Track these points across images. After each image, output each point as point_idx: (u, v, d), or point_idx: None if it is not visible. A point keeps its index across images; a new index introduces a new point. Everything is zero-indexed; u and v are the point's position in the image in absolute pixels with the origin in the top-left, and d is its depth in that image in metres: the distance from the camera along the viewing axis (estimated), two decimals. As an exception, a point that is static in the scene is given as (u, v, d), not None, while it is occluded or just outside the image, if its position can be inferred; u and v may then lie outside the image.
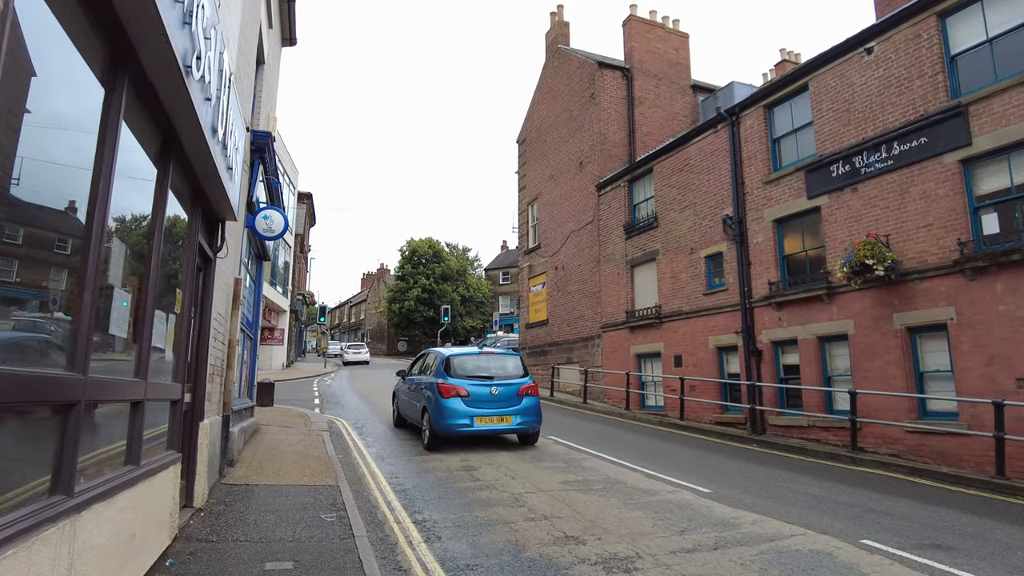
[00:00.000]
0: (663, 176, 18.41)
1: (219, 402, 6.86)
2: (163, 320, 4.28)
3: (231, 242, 6.85)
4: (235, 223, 6.82)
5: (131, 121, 3.25)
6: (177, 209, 4.56)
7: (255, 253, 10.88)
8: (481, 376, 10.70)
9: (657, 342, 18.00)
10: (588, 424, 14.38)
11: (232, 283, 7.24)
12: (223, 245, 6.01)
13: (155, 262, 3.76)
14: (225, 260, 6.66)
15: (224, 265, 6.62)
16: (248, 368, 10.68)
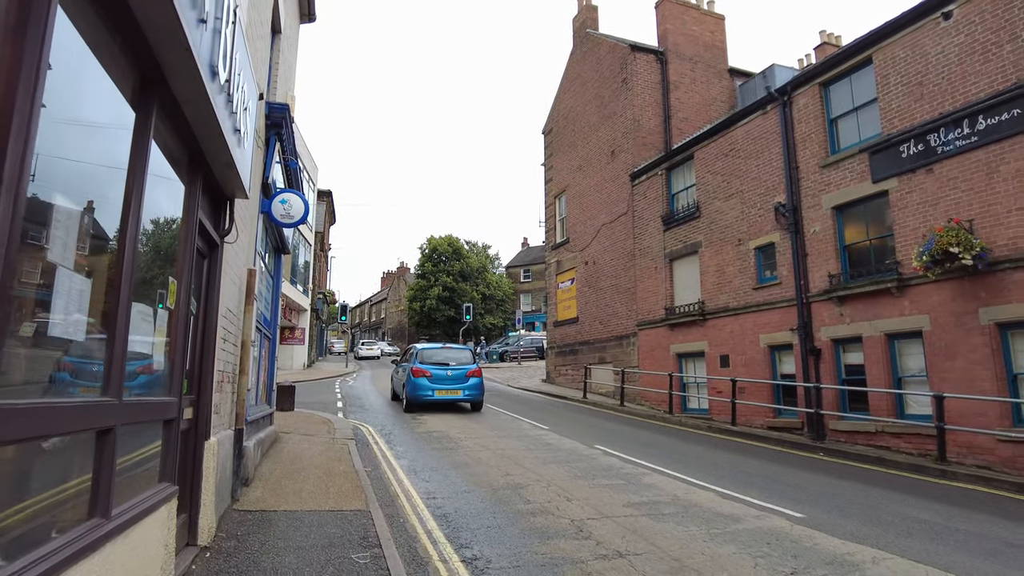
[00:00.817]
0: (705, 163, 17.19)
1: (230, 414, 5.89)
2: (148, 317, 3.28)
3: (243, 227, 5.86)
4: (247, 203, 5.83)
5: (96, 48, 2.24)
6: (168, 174, 3.55)
7: (272, 245, 9.92)
8: (441, 363, 15.52)
9: (700, 341, 16.81)
10: (632, 431, 13.26)
11: (245, 274, 6.26)
12: (232, 227, 5.01)
13: (131, 235, 2.75)
14: (236, 247, 5.68)
15: (235, 253, 5.63)
16: (266, 371, 9.74)
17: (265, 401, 9.71)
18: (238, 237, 5.28)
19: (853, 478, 8.81)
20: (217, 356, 5.01)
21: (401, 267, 75.80)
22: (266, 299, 9.42)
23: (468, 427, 12.41)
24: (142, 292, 3.23)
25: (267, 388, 9.84)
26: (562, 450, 10.08)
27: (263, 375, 9.39)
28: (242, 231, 5.91)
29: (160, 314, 3.55)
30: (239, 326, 6.14)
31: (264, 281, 9.26)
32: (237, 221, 5.36)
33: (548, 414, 15.54)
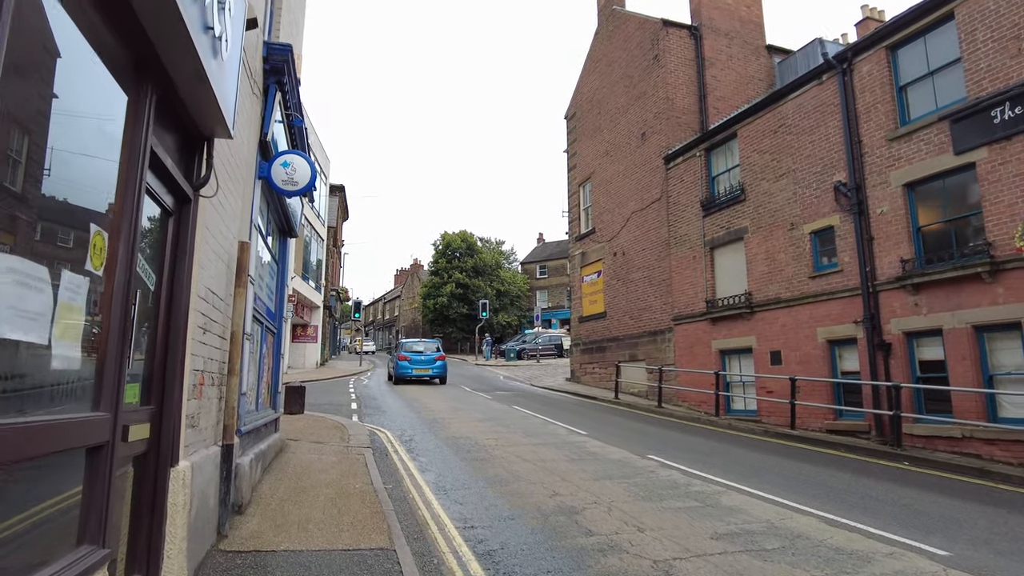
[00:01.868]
0: (751, 141, 15.71)
1: (215, 426, 4.59)
2: (40, 285, 1.95)
3: (230, 185, 4.55)
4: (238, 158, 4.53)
5: None
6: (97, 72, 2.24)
7: (277, 224, 8.63)
8: (417, 351, 23.05)
9: (747, 335, 15.34)
10: (681, 436, 11.85)
11: (234, 248, 4.95)
12: (210, 175, 3.69)
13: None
14: (223, 212, 4.38)
15: (219, 218, 4.33)
16: (270, 370, 8.45)
17: (269, 405, 8.43)
18: (218, 190, 3.95)
19: (965, 495, 7.37)
20: (191, 351, 3.70)
21: (414, 264, 74.69)
22: (269, 287, 8.13)
23: (498, 432, 11.07)
24: (29, 244, 1.91)
25: (272, 390, 8.55)
26: (611, 461, 8.70)
27: (267, 375, 8.11)
28: (230, 191, 4.60)
29: (75, 283, 2.22)
30: (227, 313, 4.83)
31: (267, 267, 7.96)
32: (220, 172, 4.05)
33: (581, 416, 14.16)
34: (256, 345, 6.97)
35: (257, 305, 6.93)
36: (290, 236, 9.23)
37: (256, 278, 6.78)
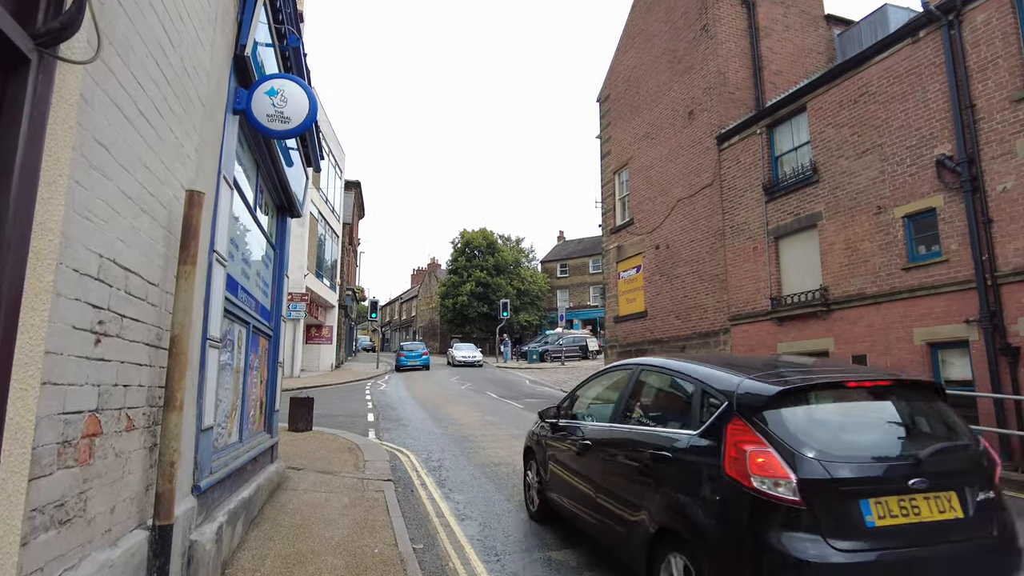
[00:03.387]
0: (824, 114, 13.62)
1: (134, 501, 2.70)
2: None
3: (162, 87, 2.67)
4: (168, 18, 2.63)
5: None
6: None
7: (273, 199, 6.79)
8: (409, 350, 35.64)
9: (823, 337, 13.26)
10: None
11: (178, 201, 3.06)
12: (79, 17, 1.79)
13: None
14: (144, 131, 2.53)
15: (136, 136, 2.49)
16: (264, 387, 6.60)
17: (262, 428, 6.57)
18: (99, 52, 2.03)
19: None
20: (47, 376, 1.80)
21: (432, 263, 73.03)
22: (262, 277, 6.28)
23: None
24: None
25: (266, 409, 6.69)
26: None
27: (258, 391, 6.25)
28: (167, 106, 2.73)
29: None
30: (162, 306, 2.96)
31: (257, 249, 6.11)
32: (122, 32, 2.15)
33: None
34: (238, 353, 5.10)
35: (241, 300, 5.06)
36: (291, 215, 7.38)
37: (238, 260, 4.92)
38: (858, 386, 3.67)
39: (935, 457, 3.32)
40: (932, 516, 3.13)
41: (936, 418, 3.70)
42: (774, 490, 3.08)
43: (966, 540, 3.16)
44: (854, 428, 3.54)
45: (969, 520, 3.19)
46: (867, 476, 3.17)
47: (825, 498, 3.06)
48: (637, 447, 4.14)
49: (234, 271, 4.81)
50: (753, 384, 3.51)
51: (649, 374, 4.67)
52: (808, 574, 2.92)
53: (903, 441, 3.56)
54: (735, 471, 3.23)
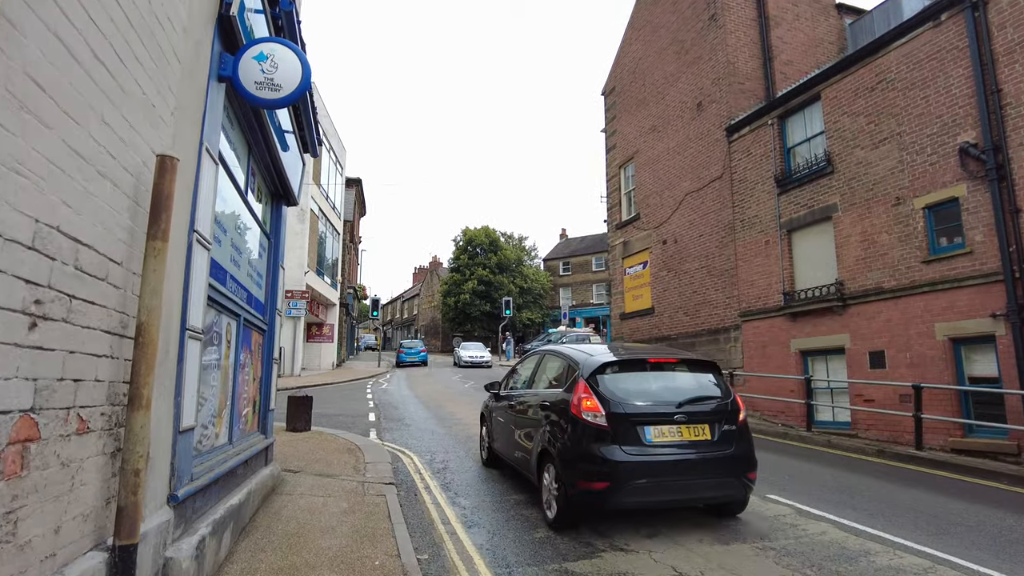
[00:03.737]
0: (839, 103, 13.19)
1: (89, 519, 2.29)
2: None
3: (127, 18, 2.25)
4: None
5: None
6: None
7: (268, 185, 6.38)
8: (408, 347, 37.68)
9: (839, 333, 12.83)
10: (783, 460, 9.43)
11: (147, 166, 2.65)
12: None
13: None
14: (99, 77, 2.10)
15: (87, 82, 2.04)
16: (257, 384, 6.20)
17: (256, 429, 6.18)
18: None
19: None
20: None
21: (433, 261, 72.60)
22: (255, 267, 5.88)
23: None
24: None
25: (260, 408, 6.29)
26: (723, 505, 6.32)
27: (251, 389, 5.85)
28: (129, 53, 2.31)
29: None
30: (129, 289, 2.55)
31: (250, 236, 5.71)
32: None
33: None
34: (227, 348, 4.70)
35: (230, 289, 4.66)
36: (287, 203, 6.97)
37: (226, 246, 4.52)
38: (655, 361, 6.10)
39: (695, 403, 5.65)
40: (690, 437, 5.41)
41: (707, 381, 6.05)
42: (594, 420, 5.34)
43: (710, 451, 5.41)
44: (647, 385, 5.81)
45: (715, 441, 5.47)
46: (648, 413, 5.43)
47: (622, 425, 5.31)
48: (534, 402, 6.52)
49: (221, 257, 4.41)
50: (592, 361, 5.87)
51: (548, 357, 7.08)
52: (608, 466, 5.14)
53: (676, 393, 5.76)
54: (577, 411, 5.46)
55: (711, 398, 5.79)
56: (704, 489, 5.49)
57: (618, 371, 5.83)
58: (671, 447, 5.31)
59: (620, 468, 5.12)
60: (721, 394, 5.89)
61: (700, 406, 5.63)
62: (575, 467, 5.28)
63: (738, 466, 5.50)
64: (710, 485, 5.46)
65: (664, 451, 5.28)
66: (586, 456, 5.24)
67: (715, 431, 5.50)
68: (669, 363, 6.14)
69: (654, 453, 5.24)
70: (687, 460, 5.30)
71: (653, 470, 5.19)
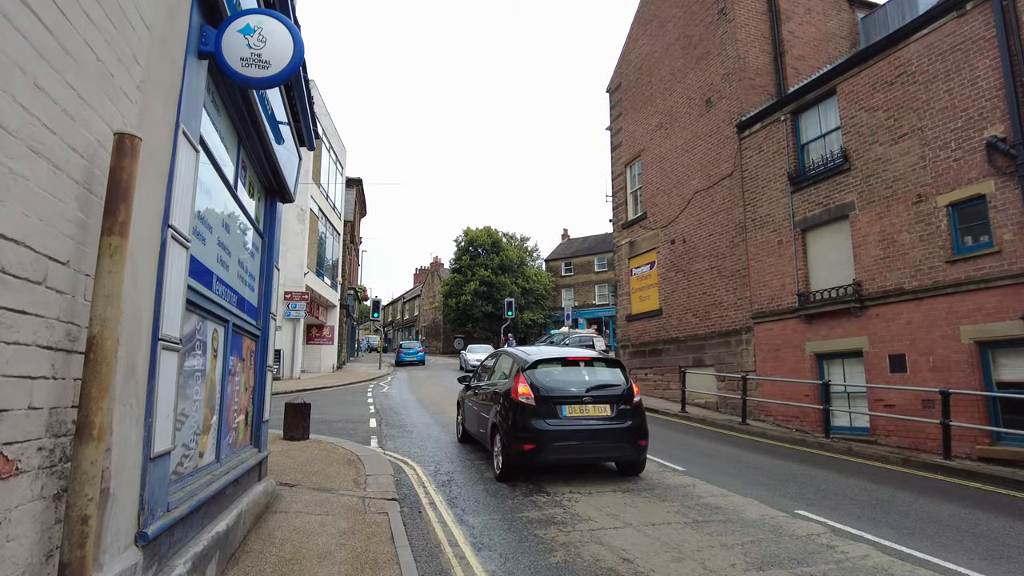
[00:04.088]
0: (856, 97, 12.74)
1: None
2: None
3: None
4: None
5: None
6: None
7: (260, 180, 5.95)
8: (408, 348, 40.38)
9: (856, 336, 12.38)
10: (804, 469, 8.98)
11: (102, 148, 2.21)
12: None
13: None
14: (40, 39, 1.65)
15: (24, 44, 1.57)
16: (251, 393, 5.76)
17: (248, 442, 5.73)
18: None
19: None
20: None
21: (434, 262, 72.15)
22: (247, 268, 5.44)
23: (565, 472, 8.29)
24: None
25: (253, 420, 5.85)
26: (750, 524, 5.87)
27: (243, 399, 5.41)
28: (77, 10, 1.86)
29: None
30: (79, 294, 2.11)
31: (241, 235, 5.28)
32: None
33: (659, 441, 11.32)
34: (212, 357, 4.26)
35: (217, 292, 4.23)
36: (282, 199, 6.54)
37: (211, 245, 4.08)
38: (573, 359, 8.11)
39: (600, 389, 7.60)
40: (595, 414, 7.37)
41: (611, 374, 8.00)
42: (527, 401, 7.26)
43: (610, 424, 7.36)
44: (566, 376, 7.79)
45: (614, 416, 7.43)
46: (564, 395, 7.41)
47: (545, 404, 7.24)
48: (490, 390, 8.48)
49: (205, 257, 3.97)
50: (529, 359, 7.87)
51: (503, 356, 9.18)
52: (535, 433, 7.06)
53: (587, 382, 7.75)
54: (515, 394, 7.37)
55: (613, 386, 7.84)
56: (605, 451, 7.68)
57: (546, 366, 7.89)
58: (580, 420, 7.40)
59: (543, 434, 7.19)
60: (621, 383, 7.90)
61: (603, 392, 7.69)
62: (513, 434, 7.28)
63: (631, 435, 7.57)
64: (609, 448, 7.61)
65: (575, 423, 7.37)
66: (520, 426, 7.24)
67: (614, 409, 7.58)
68: (584, 360, 8.25)
69: (568, 424, 7.34)
70: (592, 429, 7.41)
71: (567, 436, 7.29)
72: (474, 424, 9.26)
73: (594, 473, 8.08)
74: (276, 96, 5.51)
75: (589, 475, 7.95)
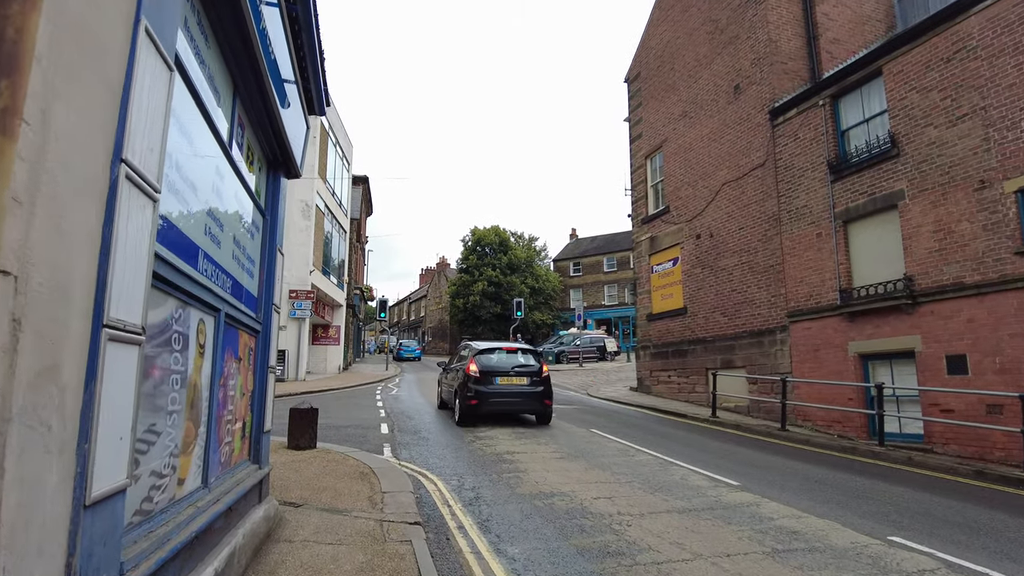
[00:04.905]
0: (905, 77, 11.78)
1: None
2: None
3: None
4: None
5: None
6: None
7: (261, 148, 5.07)
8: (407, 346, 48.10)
9: (907, 335, 11.41)
10: (870, 484, 8.03)
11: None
12: None
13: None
14: None
15: None
16: (248, 399, 4.85)
17: (246, 457, 4.82)
18: None
19: None
20: None
21: (441, 262, 71.26)
22: (243, 247, 4.54)
23: (602, 482, 7.36)
24: None
25: (252, 433, 4.94)
26: (843, 555, 4.94)
27: (238, 410, 4.50)
28: None
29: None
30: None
31: (238, 208, 4.39)
32: None
33: (694, 448, 10.38)
34: (197, 354, 3.35)
35: (205, 272, 3.33)
36: (287, 174, 5.64)
37: (199, 214, 3.18)
38: (506, 349, 12.82)
39: (521, 368, 12.24)
40: (517, 383, 12.08)
41: (530, 358, 12.66)
42: (474, 374, 11.87)
43: (526, 389, 12.05)
44: (500, 359, 12.41)
45: (529, 385, 12.10)
46: (497, 370, 12.06)
47: (485, 376, 11.90)
48: (455, 368, 13.34)
49: (189, 226, 3.06)
50: (478, 348, 12.78)
51: (467, 347, 13.37)
52: (477, 393, 11.76)
53: (515, 365, 12.25)
54: (468, 370, 11.93)
55: (531, 366, 12.28)
56: (523, 406, 12.20)
57: (488, 354, 12.41)
58: (506, 387, 11.77)
59: (482, 394, 11.57)
60: (536, 364, 12.34)
61: (524, 369, 12.13)
62: (464, 394, 11.65)
63: (541, 396, 11.99)
64: (526, 405, 12.14)
65: (503, 388, 11.75)
66: (469, 390, 11.55)
67: (530, 380, 12.03)
68: (512, 350, 12.83)
69: (498, 388, 11.73)
70: (514, 392, 11.86)
71: (497, 395, 11.70)
72: (447, 394, 13.73)
73: (629, 486, 7.15)
74: (281, 45, 4.60)
75: (627, 488, 7.02)
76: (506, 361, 12.28)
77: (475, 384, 11.67)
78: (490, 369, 11.88)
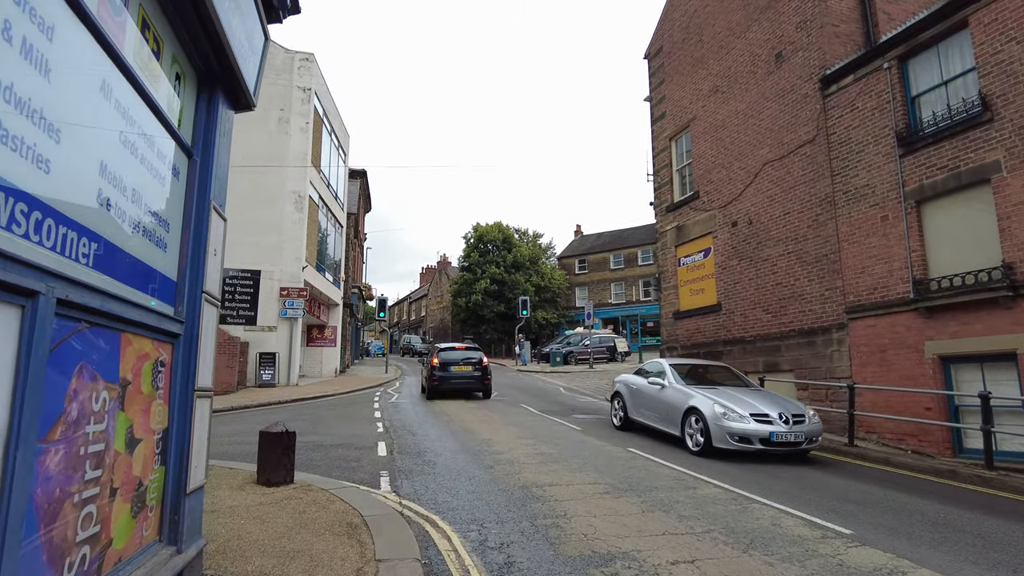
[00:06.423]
0: (1000, 27, 9.93)
1: None
2: None
3: None
4: None
5: None
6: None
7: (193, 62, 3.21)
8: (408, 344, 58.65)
9: (1007, 333, 9.57)
10: (998, 525, 6.19)
11: None
12: None
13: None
14: None
15: None
16: (151, 453, 2.99)
17: (158, 537, 2.97)
18: None
19: None
20: None
21: (442, 260, 69.41)
22: (138, 195, 2.69)
23: (671, 533, 5.54)
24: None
25: (167, 497, 3.09)
26: None
27: (120, 470, 2.65)
28: None
29: None
30: None
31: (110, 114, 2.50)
32: None
33: (766, 475, 8.53)
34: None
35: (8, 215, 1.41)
36: (233, 103, 3.82)
37: None
38: (460, 348, 19.22)
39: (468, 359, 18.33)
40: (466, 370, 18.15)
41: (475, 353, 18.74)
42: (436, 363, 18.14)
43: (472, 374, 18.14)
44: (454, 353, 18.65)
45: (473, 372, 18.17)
46: (452, 361, 18.26)
47: (444, 365, 18.10)
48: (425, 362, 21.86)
49: None
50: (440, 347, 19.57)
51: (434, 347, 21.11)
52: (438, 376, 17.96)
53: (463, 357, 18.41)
54: (433, 361, 18.47)
55: (475, 358, 18.11)
56: (470, 388, 18.18)
57: (447, 351, 18.50)
58: (459, 373, 17.81)
59: (442, 378, 17.75)
60: (479, 357, 18.18)
61: (470, 360, 18.03)
62: (430, 378, 18.04)
63: (482, 379, 18.02)
64: (472, 386, 18.13)
65: (456, 373, 17.81)
66: (433, 376, 17.81)
67: (475, 368, 17.95)
68: (463, 348, 18.88)
69: (453, 374, 17.82)
70: (463, 376, 17.90)
71: (453, 378, 17.82)
72: (425, 380, 18.91)
73: (709, 538, 5.30)
74: None
75: (708, 544, 5.18)
76: (458, 355, 18.25)
77: (437, 371, 17.74)
78: (447, 360, 17.98)
